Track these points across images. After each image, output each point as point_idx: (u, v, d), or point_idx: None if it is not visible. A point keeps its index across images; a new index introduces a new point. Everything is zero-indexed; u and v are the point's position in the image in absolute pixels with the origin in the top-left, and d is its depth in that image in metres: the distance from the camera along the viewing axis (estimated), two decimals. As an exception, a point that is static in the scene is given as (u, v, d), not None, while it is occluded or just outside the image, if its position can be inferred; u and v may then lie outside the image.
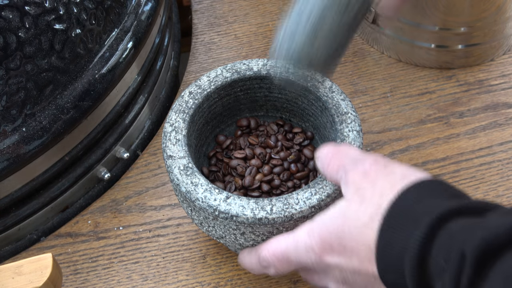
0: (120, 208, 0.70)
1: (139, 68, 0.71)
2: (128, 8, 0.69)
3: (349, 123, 0.59)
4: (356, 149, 0.54)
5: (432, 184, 0.47)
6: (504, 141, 0.72)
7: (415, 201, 0.46)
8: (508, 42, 0.78)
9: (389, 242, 0.46)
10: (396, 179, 0.49)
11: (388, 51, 0.79)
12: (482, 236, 0.40)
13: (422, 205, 0.46)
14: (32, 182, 0.64)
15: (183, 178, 0.56)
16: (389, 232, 0.46)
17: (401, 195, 0.47)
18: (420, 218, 0.45)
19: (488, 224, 0.41)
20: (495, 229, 0.40)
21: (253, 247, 0.56)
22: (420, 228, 0.44)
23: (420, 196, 0.46)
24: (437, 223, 0.44)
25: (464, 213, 0.44)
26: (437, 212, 0.44)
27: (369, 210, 0.48)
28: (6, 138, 0.60)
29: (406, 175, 0.49)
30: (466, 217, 0.44)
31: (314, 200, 0.54)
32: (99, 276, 0.65)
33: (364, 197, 0.49)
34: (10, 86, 0.60)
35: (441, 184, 0.48)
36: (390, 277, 0.47)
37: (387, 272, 0.47)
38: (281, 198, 0.54)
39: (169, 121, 0.59)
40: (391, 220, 0.46)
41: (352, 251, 0.49)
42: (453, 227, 0.43)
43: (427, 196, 0.46)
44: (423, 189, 0.47)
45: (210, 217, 0.55)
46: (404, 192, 0.47)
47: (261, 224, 0.54)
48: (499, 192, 0.69)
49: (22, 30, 0.61)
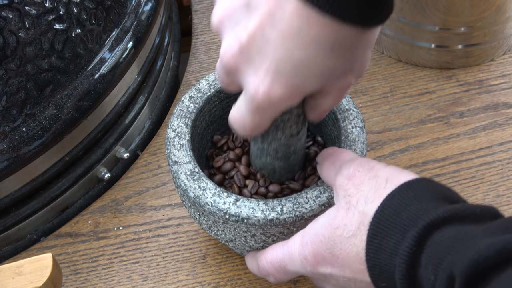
0: (120, 208, 0.70)
1: (139, 68, 0.71)
2: (128, 8, 0.69)
3: (352, 119, 0.59)
4: (348, 152, 0.54)
5: (417, 186, 0.47)
6: (504, 141, 0.72)
7: (400, 207, 0.46)
8: (508, 42, 0.78)
9: (378, 251, 0.46)
10: (380, 183, 0.48)
11: (388, 51, 0.79)
12: (472, 258, 0.39)
13: (408, 212, 0.45)
14: (32, 182, 0.64)
15: (191, 183, 0.55)
16: (376, 241, 0.46)
17: (386, 201, 0.47)
18: (407, 228, 0.44)
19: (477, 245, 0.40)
20: (485, 250, 0.39)
21: (256, 252, 0.56)
22: (407, 239, 0.44)
23: (405, 202, 0.46)
24: (424, 234, 0.43)
25: (450, 220, 0.43)
26: (423, 221, 0.44)
27: (355, 218, 0.48)
28: (6, 138, 0.60)
29: (390, 179, 0.48)
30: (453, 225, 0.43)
31: (324, 198, 0.54)
32: (99, 276, 0.65)
33: (350, 204, 0.49)
34: (10, 86, 0.60)
35: (427, 185, 0.47)
36: (383, 285, 0.46)
37: (380, 281, 0.46)
38: (290, 198, 0.54)
39: (172, 127, 0.59)
40: (377, 229, 0.46)
41: (344, 261, 0.48)
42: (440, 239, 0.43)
43: (413, 201, 0.46)
44: (408, 193, 0.46)
45: (220, 221, 0.55)
46: (389, 198, 0.47)
47: (272, 225, 0.54)
48: (499, 192, 0.69)
49: (22, 30, 0.61)
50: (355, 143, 0.57)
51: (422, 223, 0.43)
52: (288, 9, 0.42)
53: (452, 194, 0.47)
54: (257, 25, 0.43)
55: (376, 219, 0.46)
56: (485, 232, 0.41)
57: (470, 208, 0.44)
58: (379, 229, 0.46)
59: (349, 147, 0.57)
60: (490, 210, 0.44)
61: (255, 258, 0.56)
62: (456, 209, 0.44)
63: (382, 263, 0.45)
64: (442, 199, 0.46)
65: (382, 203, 0.47)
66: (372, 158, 0.71)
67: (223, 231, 0.56)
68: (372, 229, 0.46)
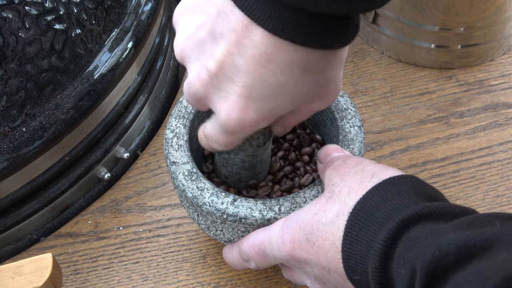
0: (120, 208, 0.70)
1: (139, 68, 0.71)
2: (128, 8, 0.69)
3: (350, 119, 0.59)
4: (340, 149, 0.55)
5: (402, 182, 0.47)
6: (504, 141, 0.72)
7: (381, 200, 0.46)
8: (508, 42, 0.78)
9: (354, 242, 0.46)
10: (365, 176, 0.49)
11: (388, 51, 0.79)
12: (434, 254, 0.39)
13: (388, 205, 0.45)
14: (32, 182, 0.64)
15: (189, 184, 0.56)
16: (354, 232, 0.46)
17: (368, 194, 0.47)
18: (384, 221, 0.44)
19: (440, 240, 0.40)
20: (446, 246, 0.39)
21: (234, 242, 0.57)
22: (383, 232, 0.44)
23: (388, 195, 0.46)
24: (400, 228, 0.43)
25: (428, 217, 0.43)
26: (400, 215, 0.44)
27: (336, 207, 0.48)
28: (6, 138, 0.60)
29: (376, 174, 0.48)
30: (430, 222, 0.43)
31: None
32: (99, 276, 0.65)
33: (333, 192, 0.49)
34: (10, 86, 0.60)
35: (412, 182, 0.47)
36: (356, 277, 0.46)
37: (353, 273, 0.46)
38: (288, 198, 0.54)
39: (170, 127, 0.59)
40: (356, 219, 0.46)
41: (319, 249, 0.48)
42: (414, 235, 0.43)
43: (395, 195, 0.46)
44: (391, 187, 0.47)
45: (218, 221, 0.55)
46: (372, 191, 0.47)
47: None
48: (499, 192, 0.69)
49: (22, 30, 0.61)
50: (353, 142, 0.57)
51: (399, 217, 0.44)
52: (257, 37, 0.42)
53: (437, 195, 0.47)
54: (225, 53, 0.44)
55: (356, 210, 0.47)
56: (451, 227, 0.42)
57: (450, 207, 0.44)
58: (358, 220, 0.46)
59: (347, 146, 0.57)
60: (470, 211, 0.44)
61: (235, 245, 0.56)
62: (434, 207, 0.44)
63: (357, 255, 0.45)
64: (425, 198, 0.46)
65: (364, 195, 0.47)
66: (372, 158, 0.71)
67: (222, 231, 0.56)
68: (350, 220, 0.46)
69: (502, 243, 0.38)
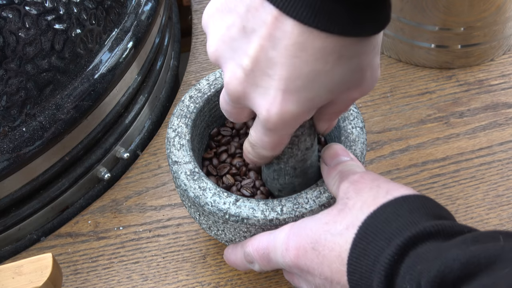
0: (120, 208, 0.70)
1: (139, 68, 0.71)
2: (128, 8, 0.69)
3: (352, 119, 0.59)
4: (345, 151, 0.55)
5: (414, 201, 0.47)
6: (504, 141, 0.72)
7: (392, 216, 0.46)
8: (508, 42, 0.78)
9: (361, 255, 0.46)
10: (380, 192, 0.49)
11: (388, 51, 0.79)
12: (439, 269, 0.40)
13: (398, 222, 0.45)
14: (32, 182, 0.64)
15: (191, 183, 0.55)
16: (362, 245, 0.46)
17: (379, 209, 0.47)
18: (393, 237, 0.45)
19: (446, 256, 0.41)
20: (451, 262, 0.40)
21: (238, 243, 0.56)
22: (390, 247, 0.44)
23: (398, 212, 0.46)
24: (408, 244, 0.43)
25: (436, 235, 0.44)
26: (409, 232, 0.44)
27: (347, 219, 0.48)
28: (6, 138, 0.60)
29: (391, 191, 0.48)
30: (438, 240, 0.43)
31: (324, 199, 0.54)
32: (99, 276, 0.65)
33: (346, 205, 0.49)
34: (10, 86, 0.60)
35: (424, 202, 0.47)
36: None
37: (357, 285, 0.46)
38: (290, 198, 0.54)
39: (172, 127, 0.59)
40: (365, 233, 0.46)
41: (324, 258, 0.48)
42: (422, 251, 0.43)
43: (406, 213, 0.46)
44: (403, 205, 0.47)
45: (220, 221, 0.55)
46: (383, 207, 0.47)
47: (272, 225, 0.54)
48: (499, 192, 0.69)
49: (22, 30, 0.61)
50: (355, 143, 0.57)
51: (408, 233, 0.44)
52: (288, 27, 0.42)
53: (448, 215, 0.48)
54: (258, 48, 0.43)
55: (365, 224, 0.47)
56: (455, 243, 0.42)
57: (459, 226, 0.45)
58: (367, 234, 0.46)
59: (349, 147, 0.57)
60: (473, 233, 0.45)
61: (239, 246, 0.56)
62: (443, 225, 0.44)
63: (363, 269, 0.46)
64: (436, 217, 0.46)
65: (375, 210, 0.47)
66: (372, 158, 0.71)
67: (223, 231, 0.56)
68: (359, 233, 0.47)
69: (505, 259, 0.39)
